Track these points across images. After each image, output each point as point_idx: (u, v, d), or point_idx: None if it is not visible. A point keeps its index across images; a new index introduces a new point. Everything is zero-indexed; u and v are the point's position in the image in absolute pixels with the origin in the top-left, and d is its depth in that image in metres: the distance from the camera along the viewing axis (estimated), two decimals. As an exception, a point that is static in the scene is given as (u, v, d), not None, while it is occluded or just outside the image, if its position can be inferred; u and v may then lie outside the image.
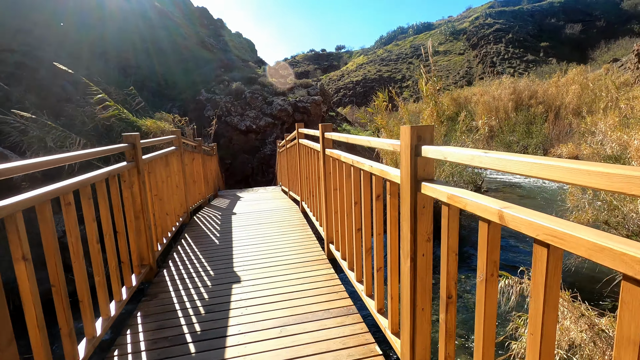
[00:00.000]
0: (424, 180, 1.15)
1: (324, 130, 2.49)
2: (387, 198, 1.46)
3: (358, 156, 1.91)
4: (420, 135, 1.13)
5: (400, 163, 1.23)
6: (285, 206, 4.67)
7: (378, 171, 1.52)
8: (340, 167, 2.19)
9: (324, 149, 2.52)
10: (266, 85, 14.00)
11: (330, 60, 64.83)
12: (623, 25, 36.94)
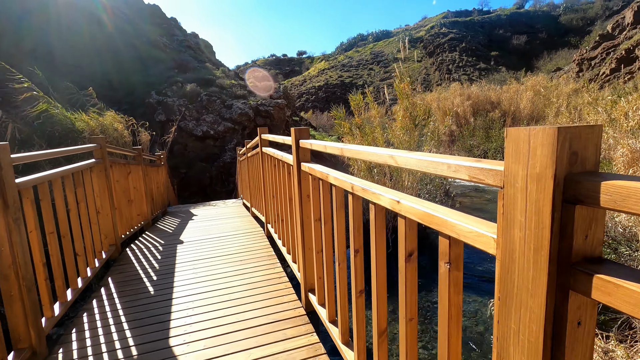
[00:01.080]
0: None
1: (299, 137, 1.77)
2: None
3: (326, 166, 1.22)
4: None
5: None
6: (247, 228, 3.86)
7: (418, 214, 0.83)
8: (326, 190, 1.48)
9: (299, 162, 1.79)
10: (225, 87, 13.00)
11: (292, 65, 64.30)
12: (561, 37, 40.07)
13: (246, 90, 12.88)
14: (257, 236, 3.45)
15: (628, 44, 20.58)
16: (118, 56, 14.41)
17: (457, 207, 9.90)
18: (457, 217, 0.71)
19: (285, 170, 2.27)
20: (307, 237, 1.89)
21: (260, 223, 3.94)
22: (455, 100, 19.10)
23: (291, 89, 45.01)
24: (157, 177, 5.60)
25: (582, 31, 39.04)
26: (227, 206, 6.01)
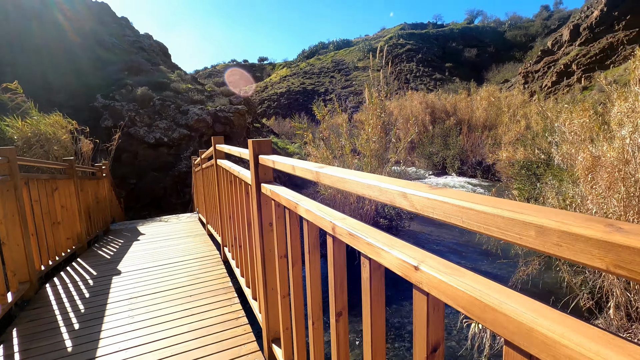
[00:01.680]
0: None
1: (258, 151, 1.39)
2: None
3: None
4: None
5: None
6: (201, 251, 3.37)
7: (457, 297, 0.49)
8: (295, 222, 1.13)
9: (259, 182, 1.42)
10: (180, 92, 12.21)
11: (253, 71, 63.32)
12: (507, 52, 43.12)
13: (204, 95, 12.18)
14: (212, 262, 2.98)
15: (566, 59, 22.43)
16: (59, 56, 13.09)
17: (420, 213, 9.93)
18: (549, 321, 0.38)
19: (243, 189, 1.88)
20: (270, 275, 1.51)
21: (216, 244, 3.47)
22: (416, 108, 19.60)
23: (252, 95, 44.18)
24: (97, 190, 4.91)
25: (525, 46, 42.28)
26: (180, 222, 5.42)
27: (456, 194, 0.49)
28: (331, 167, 0.83)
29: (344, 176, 0.73)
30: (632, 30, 19.82)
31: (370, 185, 0.64)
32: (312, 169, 0.88)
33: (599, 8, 22.43)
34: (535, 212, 0.38)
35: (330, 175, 0.79)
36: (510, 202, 0.42)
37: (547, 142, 10.01)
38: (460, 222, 0.47)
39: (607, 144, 4.83)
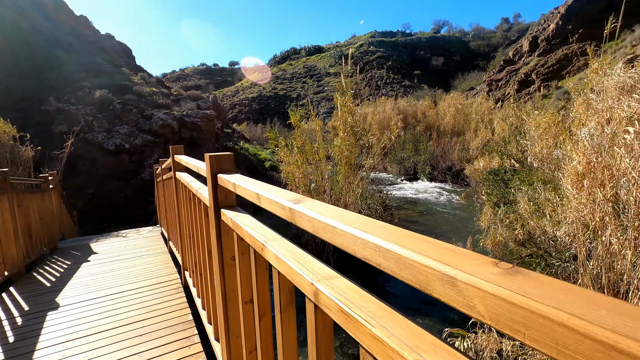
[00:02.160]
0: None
1: (217, 168, 1.12)
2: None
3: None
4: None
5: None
6: (159, 274, 2.97)
7: None
8: (262, 267, 0.86)
9: (218, 207, 1.14)
10: (144, 95, 11.53)
11: (223, 75, 62.09)
12: (472, 61, 45.01)
13: (169, 100, 11.57)
14: (171, 288, 2.62)
15: (526, 69, 23.62)
16: (7, 55, 12.00)
17: (395, 221, 9.90)
18: None
19: (202, 210, 1.58)
20: (233, 321, 1.23)
21: (177, 265, 3.09)
22: (388, 113, 19.82)
23: (223, 100, 43.20)
24: (41, 205, 4.36)
25: (488, 56, 44.33)
26: (140, 237, 4.95)
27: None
28: (313, 203, 0.59)
29: (337, 225, 0.48)
30: (584, 43, 21.18)
31: (389, 251, 0.39)
32: (284, 204, 0.63)
33: (554, 21, 23.87)
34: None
35: (311, 219, 0.54)
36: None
37: (515, 148, 10.31)
38: None
39: (570, 145, 4.90)
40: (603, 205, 3.11)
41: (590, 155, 3.14)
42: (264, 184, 0.81)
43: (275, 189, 0.74)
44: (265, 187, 0.77)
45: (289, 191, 0.72)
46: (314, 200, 0.60)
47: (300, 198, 0.62)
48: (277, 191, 0.71)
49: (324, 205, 0.57)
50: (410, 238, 0.40)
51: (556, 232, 5.38)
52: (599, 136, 3.27)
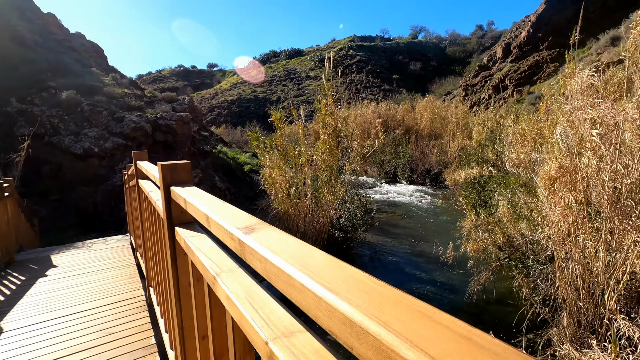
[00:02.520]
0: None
1: (170, 180, 0.96)
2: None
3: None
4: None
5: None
6: (123, 291, 2.72)
7: None
8: (217, 304, 0.71)
9: (172, 224, 0.99)
10: (115, 97, 11.04)
11: (202, 77, 61.02)
12: (448, 66, 46.19)
13: (143, 102, 11.13)
14: (134, 307, 2.39)
15: (500, 74, 24.39)
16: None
17: (375, 225, 9.86)
18: None
19: (161, 224, 1.41)
20: (190, 354, 1.06)
21: (143, 279, 2.86)
22: (369, 117, 19.92)
23: (201, 102, 42.36)
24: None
25: (464, 61, 45.62)
26: (107, 247, 4.64)
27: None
28: (270, 233, 0.45)
29: (295, 275, 0.35)
30: (554, 50, 22.12)
31: (367, 333, 0.25)
32: (233, 233, 0.49)
33: (525, 29, 24.81)
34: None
35: (263, 259, 0.40)
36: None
37: (491, 153, 10.50)
38: None
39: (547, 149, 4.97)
40: (576, 209, 3.12)
41: (561, 159, 3.16)
42: (219, 202, 0.67)
43: (229, 209, 0.60)
44: (217, 206, 0.62)
45: (246, 214, 0.57)
46: (272, 229, 0.46)
47: (254, 224, 0.48)
48: (230, 213, 0.57)
49: (283, 238, 0.43)
50: (403, 310, 0.27)
51: (533, 235, 5.45)
52: (569, 139, 3.31)
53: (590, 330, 3.65)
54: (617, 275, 2.91)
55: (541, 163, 4.14)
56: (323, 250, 1.80)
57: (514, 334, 4.62)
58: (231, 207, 0.62)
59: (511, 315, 4.99)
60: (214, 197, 0.72)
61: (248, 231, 0.47)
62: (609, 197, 2.77)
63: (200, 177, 9.65)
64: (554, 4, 23.22)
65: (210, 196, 0.74)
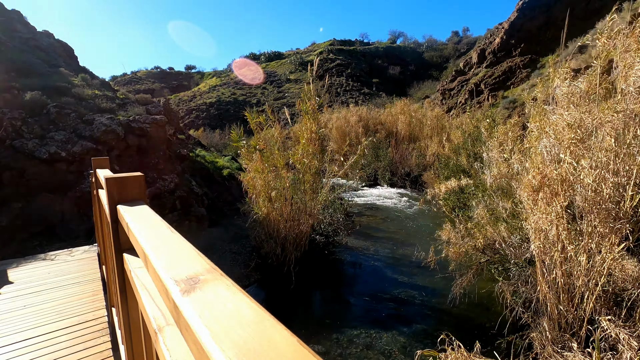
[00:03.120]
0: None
1: (118, 198, 0.79)
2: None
3: None
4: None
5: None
6: (84, 312, 2.46)
7: None
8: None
9: (120, 248, 0.82)
10: (85, 98, 10.51)
11: (179, 79, 59.69)
12: (426, 70, 47.17)
13: (115, 104, 10.67)
14: (94, 329, 2.15)
15: (476, 79, 25.05)
16: None
17: (357, 228, 9.79)
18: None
19: (110, 244, 1.23)
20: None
21: (106, 297, 2.63)
22: (351, 120, 19.93)
23: (179, 105, 41.38)
24: (-59, 227, 3.62)
25: (441, 66, 46.70)
26: (72, 259, 4.32)
27: None
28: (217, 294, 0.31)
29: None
30: (526, 57, 22.94)
31: None
32: (169, 288, 0.35)
33: (499, 36, 25.63)
34: None
35: (197, 341, 0.27)
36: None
37: (467, 162, 10.66)
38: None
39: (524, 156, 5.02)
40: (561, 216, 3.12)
41: (544, 168, 3.16)
42: (165, 231, 0.52)
43: (175, 244, 0.45)
44: (161, 238, 0.48)
45: (195, 252, 0.43)
46: (223, 285, 0.33)
47: (201, 274, 0.35)
48: (175, 250, 0.43)
49: (237, 303, 0.30)
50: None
51: (512, 238, 5.50)
52: (553, 148, 3.33)
53: (570, 333, 3.67)
54: (595, 279, 2.91)
55: (523, 173, 4.17)
56: (304, 257, 1.65)
57: (496, 337, 4.63)
58: (179, 241, 0.48)
59: (493, 319, 4.99)
60: (161, 224, 0.57)
61: (189, 287, 0.33)
62: (592, 200, 2.77)
63: (176, 183, 9.30)
64: (525, 12, 24.12)
65: (157, 221, 0.59)
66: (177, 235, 0.49)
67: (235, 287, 0.33)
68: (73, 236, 8.43)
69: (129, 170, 9.17)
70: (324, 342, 4.58)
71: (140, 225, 0.56)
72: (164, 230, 0.53)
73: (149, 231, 0.53)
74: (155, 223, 0.57)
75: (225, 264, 7.07)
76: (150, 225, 0.56)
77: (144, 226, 0.55)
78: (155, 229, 0.54)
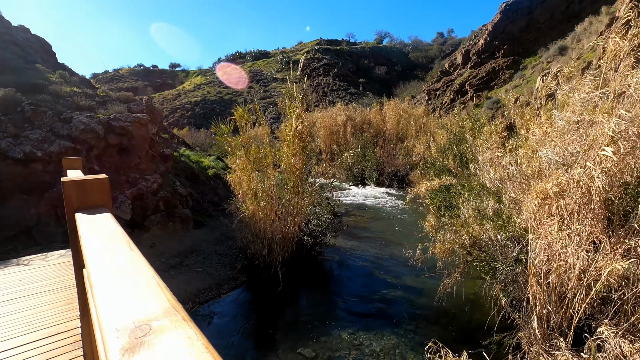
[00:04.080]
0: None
1: (77, 204, 0.68)
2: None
3: None
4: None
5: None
6: (55, 323, 2.25)
7: None
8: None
9: (79, 264, 0.71)
10: (62, 96, 10.11)
11: (163, 78, 58.49)
12: (412, 71, 47.62)
13: (94, 101, 10.30)
14: (66, 343, 1.99)
15: (460, 80, 25.39)
16: None
17: (345, 228, 9.73)
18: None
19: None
20: None
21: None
22: (338, 119, 19.84)
23: (163, 104, 40.55)
24: None
25: (426, 67, 47.20)
26: (46, 264, 4.09)
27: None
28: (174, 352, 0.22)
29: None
30: (509, 58, 23.38)
31: None
32: (107, 342, 0.25)
33: (483, 38, 26.06)
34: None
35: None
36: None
37: (452, 162, 10.73)
38: None
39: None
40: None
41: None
42: (124, 251, 0.42)
43: (132, 269, 0.36)
44: (117, 262, 0.38)
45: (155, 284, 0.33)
46: (177, 341, 0.23)
47: (154, 322, 0.25)
48: (130, 281, 0.33)
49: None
50: None
51: (499, 237, 5.51)
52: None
53: (558, 332, 3.68)
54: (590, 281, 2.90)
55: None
56: (292, 258, 1.53)
57: (484, 336, 4.63)
58: (138, 264, 0.38)
59: (480, 317, 5.00)
60: (121, 240, 0.47)
61: (134, 343, 0.23)
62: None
63: (159, 183, 9.04)
64: (508, 14, 24.59)
65: (117, 237, 0.48)
66: (136, 255, 0.39)
67: (199, 343, 0.23)
68: (50, 240, 8.07)
69: (110, 171, 8.80)
70: (312, 345, 4.49)
71: (95, 241, 0.46)
72: (122, 249, 0.43)
73: (104, 251, 0.43)
74: (114, 238, 0.47)
75: (211, 266, 6.90)
76: (108, 242, 0.46)
77: (99, 244, 0.45)
78: (112, 247, 0.44)
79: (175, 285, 5.87)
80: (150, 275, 0.34)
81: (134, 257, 0.39)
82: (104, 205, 0.70)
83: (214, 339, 4.69)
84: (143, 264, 0.37)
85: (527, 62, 21.93)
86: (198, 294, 5.74)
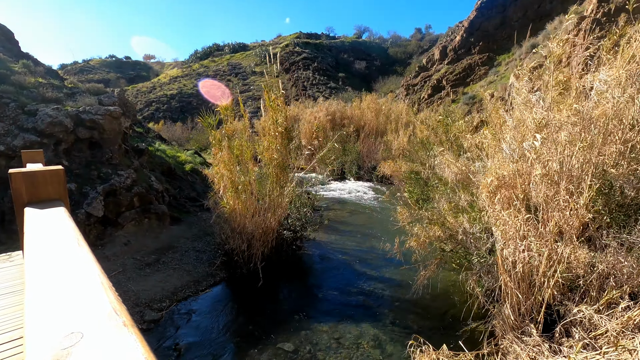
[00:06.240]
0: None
1: (27, 197, 0.66)
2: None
3: None
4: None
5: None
6: (19, 327, 2.17)
7: None
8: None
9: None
10: (26, 87, 9.56)
11: (137, 69, 56.46)
12: (391, 66, 48.06)
13: (62, 93, 9.79)
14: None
15: (438, 75, 25.85)
16: None
17: (325, 223, 9.76)
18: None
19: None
20: None
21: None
22: (319, 114, 19.78)
23: (137, 97, 39.15)
24: None
25: (405, 62, 47.76)
26: (11, 264, 3.86)
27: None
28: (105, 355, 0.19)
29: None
30: (484, 55, 23.98)
31: None
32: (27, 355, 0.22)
33: (459, 34, 26.58)
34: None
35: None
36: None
37: (427, 158, 10.90)
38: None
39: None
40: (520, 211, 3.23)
41: (504, 168, 3.24)
42: (71, 248, 0.38)
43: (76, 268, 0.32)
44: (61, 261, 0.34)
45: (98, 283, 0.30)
46: (117, 350, 0.21)
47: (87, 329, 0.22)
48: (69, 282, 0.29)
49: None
50: None
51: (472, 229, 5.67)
52: (514, 148, 3.43)
53: (529, 318, 3.83)
54: (555, 267, 3.03)
55: (482, 172, 4.28)
56: (272, 253, 1.50)
57: (460, 326, 4.77)
58: (83, 263, 0.34)
59: (457, 307, 5.14)
60: (70, 236, 0.43)
61: (59, 356, 0.20)
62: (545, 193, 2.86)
63: (133, 178, 8.73)
64: (483, 12, 25.16)
65: (67, 232, 0.44)
66: (83, 253, 0.35)
67: (138, 352, 0.20)
68: (15, 239, 7.66)
69: (80, 166, 8.38)
70: (293, 338, 4.49)
71: (39, 238, 0.41)
72: (69, 246, 0.39)
73: (48, 248, 0.39)
74: (63, 234, 0.43)
75: (188, 263, 6.75)
76: (54, 238, 0.42)
77: (43, 240, 0.41)
78: (58, 244, 0.40)
79: (151, 283, 5.71)
80: (94, 274, 0.31)
81: (79, 255, 0.35)
82: (59, 198, 0.64)
83: (193, 337, 4.61)
84: (88, 261, 0.33)
85: (501, 58, 22.58)
86: (175, 292, 5.61)
